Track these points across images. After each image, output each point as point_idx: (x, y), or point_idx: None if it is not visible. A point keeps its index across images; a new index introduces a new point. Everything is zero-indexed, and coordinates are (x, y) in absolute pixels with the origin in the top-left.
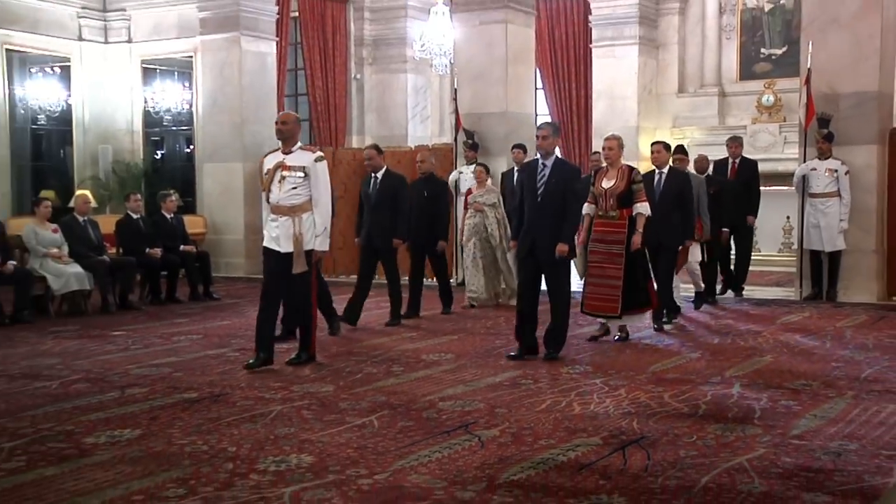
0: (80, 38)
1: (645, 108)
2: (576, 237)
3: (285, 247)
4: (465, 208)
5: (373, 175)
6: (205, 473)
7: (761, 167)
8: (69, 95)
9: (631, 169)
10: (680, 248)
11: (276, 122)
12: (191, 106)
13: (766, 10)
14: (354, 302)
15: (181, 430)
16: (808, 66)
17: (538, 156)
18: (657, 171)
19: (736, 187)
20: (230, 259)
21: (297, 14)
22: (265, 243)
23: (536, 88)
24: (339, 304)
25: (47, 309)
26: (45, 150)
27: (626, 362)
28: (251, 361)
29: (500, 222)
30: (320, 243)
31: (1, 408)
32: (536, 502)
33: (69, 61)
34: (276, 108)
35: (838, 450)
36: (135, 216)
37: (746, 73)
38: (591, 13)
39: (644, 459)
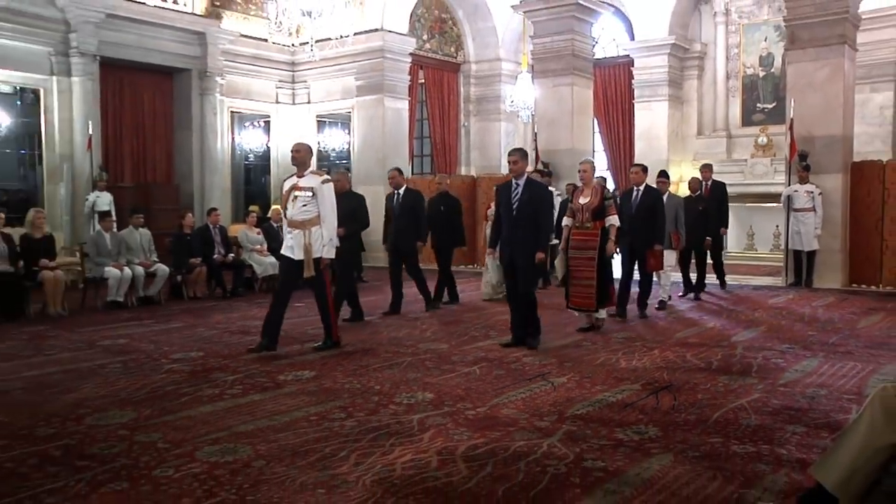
0: (277, 102)
1: (673, 146)
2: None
3: (297, 255)
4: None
5: (396, 192)
6: (358, 403)
7: (757, 190)
8: (268, 140)
9: (603, 187)
10: (649, 252)
11: (292, 151)
12: (349, 146)
13: (761, 76)
14: (395, 299)
15: (342, 373)
16: (791, 116)
17: (513, 177)
18: (635, 188)
19: (709, 205)
20: (376, 254)
21: (423, 81)
22: (282, 251)
23: (594, 132)
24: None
25: (253, 287)
26: (253, 178)
27: (659, 331)
28: (254, 347)
29: None
30: (326, 252)
31: (224, 353)
32: (593, 430)
33: (269, 117)
34: (409, 147)
35: (813, 395)
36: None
37: (747, 120)
38: (633, 78)
39: (671, 401)
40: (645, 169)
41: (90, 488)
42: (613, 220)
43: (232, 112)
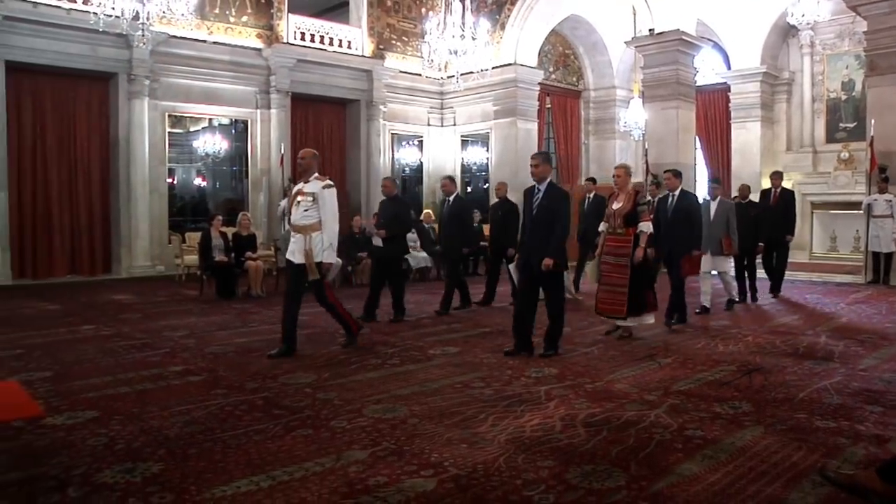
0: (428, 125)
1: (765, 160)
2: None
3: (299, 259)
4: None
5: (447, 199)
6: (495, 375)
7: (839, 199)
8: (421, 157)
9: (637, 193)
10: (687, 257)
11: (298, 157)
12: (487, 161)
13: (843, 99)
14: (445, 295)
15: (481, 350)
16: (872, 134)
17: (535, 182)
18: (671, 193)
19: (774, 212)
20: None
21: (549, 106)
22: (287, 255)
23: (696, 148)
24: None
25: (408, 277)
26: (408, 188)
27: (752, 320)
28: (275, 352)
29: None
30: (327, 256)
31: (386, 330)
32: (694, 404)
33: (422, 138)
34: None
35: (890, 379)
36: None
37: (830, 138)
38: (730, 101)
39: (763, 381)
40: (677, 174)
41: (284, 431)
42: (645, 226)
43: (392, 134)
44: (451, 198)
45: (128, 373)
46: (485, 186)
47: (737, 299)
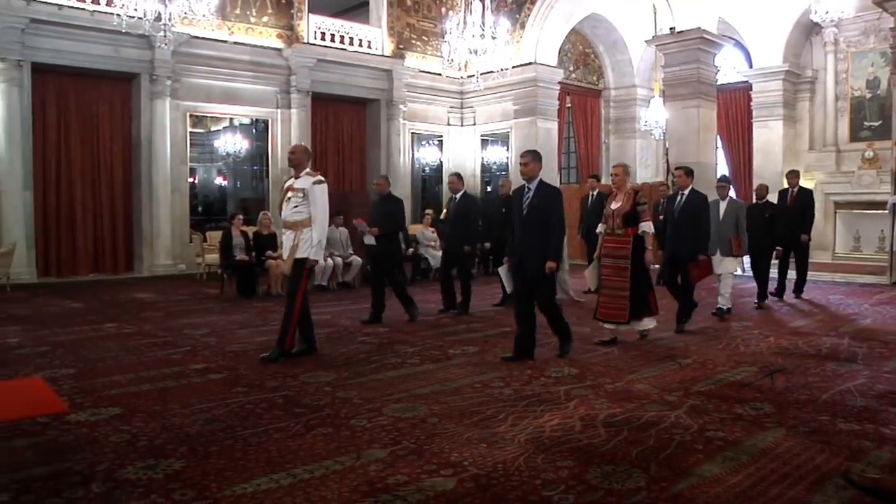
0: (448, 124)
1: (787, 159)
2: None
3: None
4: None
5: (453, 196)
6: (514, 375)
7: (863, 199)
8: (441, 156)
9: (636, 192)
10: (694, 262)
11: (288, 153)
12: (507, 160)
13: (867, 97)
14: (463, 295)
15: (501, 349)
16: None
17: (524, 181)
18: (680, 192)
19: (791, 212)
20: None
21: (569, 105)
22: (283, 252)
23: (717, 147)
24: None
25: (428, 276)
26: (428, 187)
27: (775, 321)
28: (297, 350)
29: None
30: (314, 253)
31: (406, 329)
32: (715, 405)
33: (442, 137)
34: (557, 161)
35: None
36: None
37: (854, 136)
38: (752, 100)
39: (785, 382)
40: (689, 172)
41: (304, 430)
42: (647, 226)
43: (412, 133)
44: (458, 195)
45: (150, 370)
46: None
47: (728, 306)
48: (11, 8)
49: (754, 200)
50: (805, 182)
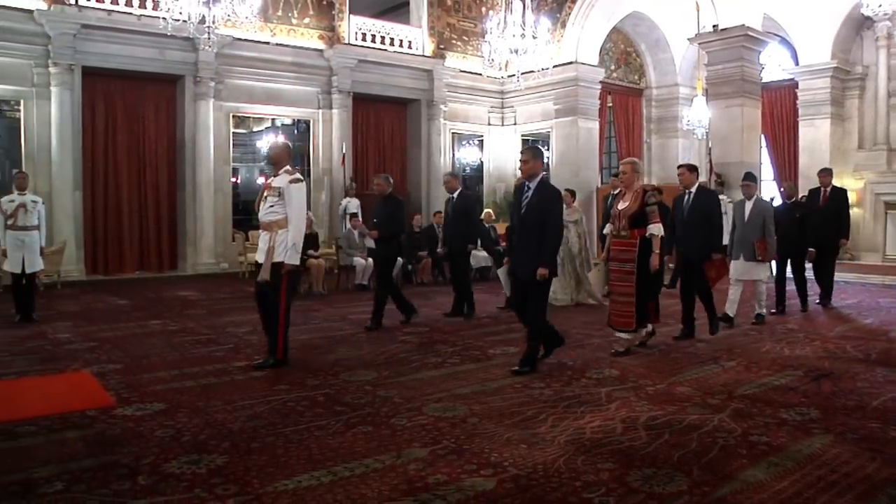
0: (489, 124)
1: (834, 159)
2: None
3: (261, 258)
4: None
5: (451, 196)
6: (554, 376)
7: None
8: (482, 156)
9: (645, 192)
10: (709, 262)
11: (268, 150)
12: (548, 160)
13: None
14: (457, 297)
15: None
16: None
17: (524, 179)
18: (686, 191)
19: (824, 213)
20: None
21: (611, 104)
22: (256, 255)
23: (761, 146)
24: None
25: (468, 275)
26: (469, 187)
27: (821, 324)
28: (258, 361)
29: (582, 237)
30: (290, 257)
31: (446, 329)
32: (759, 409)
33: (482, 137)
34: (598, 161)
35: None
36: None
37: None
38: (797, 98)
39: (832, 387)
40: (692, 168)
41: (345, 428)
42: (655, 228)
43: (452, 133)
44: (455, 195)
45: (193, 367)
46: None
47: (767, 312)
48: (65, 15)
49: (781, 201)
50: (854, 182)
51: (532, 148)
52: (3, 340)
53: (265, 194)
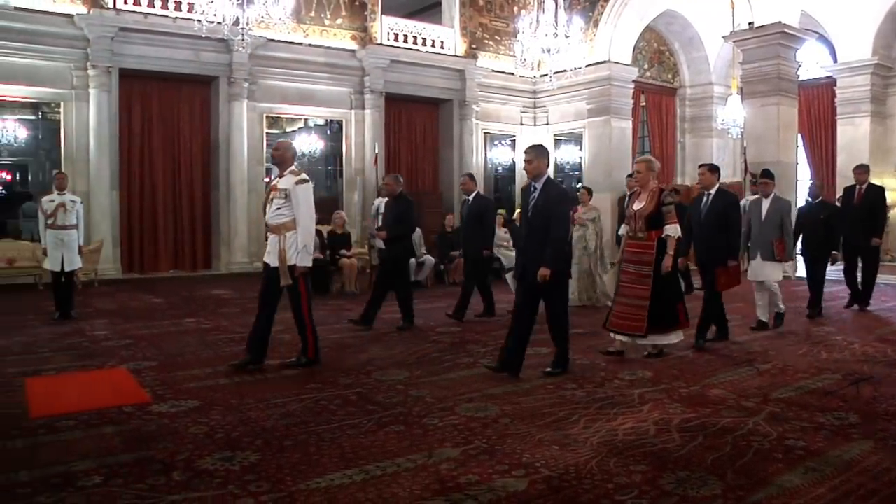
0: (521, 124)
1: (874, 158)
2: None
3: (272, 262)
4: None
5: (467, 198)
6: (587, 377)
7: None
8: (514, 155)
9: (661, 191)
10: (722, 268)
11: (272, 149)
12: (581, 160)
13: None
14: (461, 299)
15: (573, 351)
16: None
17: (530, 179)
18: (706, 192)
19: (858, 213)
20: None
21: (644, 104)
22: (264, 258)
23: (797, 146)
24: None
25: (500, 276)
26: (501, 187)
27: (860, 326)
28: (237, 362)
29: (598, 235)
30: (300, 260)
31: (478, 328)
32: (795, 413)
33: (515, 137)
34: (631, 161)
35: None
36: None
37: None
38: (836, 96)
39: (872, 392)
40: (713, 169)
41: (377, 427)
42: (672, 229)
43: (484, 133)
44: (472, 196)
45: (227, 365)
46: (577, 186)
47: (779, 314)
48: (103, 18)
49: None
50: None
51: (535, 146)
52: (44, 337)
53: (271, 196)
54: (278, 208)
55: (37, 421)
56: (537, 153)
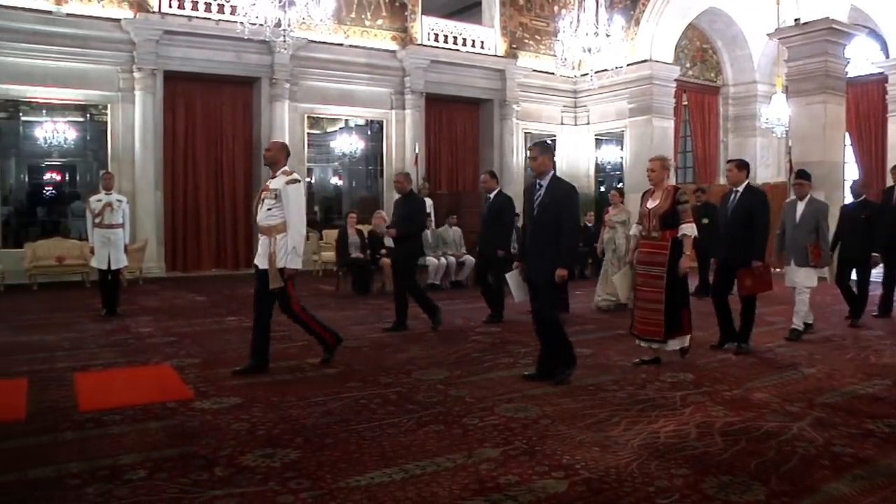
0: (562, 123)
1: None
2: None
3: (262, 264)
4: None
5: (487, 196)
6: (628, 379)
7: None
8: (554, 156)
9: (676, 189)
10: (746, 269)
11: (265, 149)
12: (622, 160)
13: None
14: (494, 302)
15: (615, 352)
16: None
17: (535, 177)
18: (733, 190)
19: (894, 212)
20: None
21: (686, 103)
22: (255, 260)
23: (844, 144)
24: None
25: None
26: None
27: None
28: (240, 369)
29: (629, 238)
30: (291, 261)
31: (518, 328)
32: (842, 418)
33: (555, 136)
34: (674, 160)
35: None
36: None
37: None
38: (887, 93)
39: None
40: (742, 166)
41: (417, 426)
42: (688, 228)
43: (525, 133)
44: (493, 195)
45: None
46: (619, 185)
47: (807, 324)
48: (149, 22)
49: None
50: None
51: (540, 143)
52: (91, 333)
53: (262, 197)
54: (269, 209)
55: (85, 415)
56: (542, 150)
